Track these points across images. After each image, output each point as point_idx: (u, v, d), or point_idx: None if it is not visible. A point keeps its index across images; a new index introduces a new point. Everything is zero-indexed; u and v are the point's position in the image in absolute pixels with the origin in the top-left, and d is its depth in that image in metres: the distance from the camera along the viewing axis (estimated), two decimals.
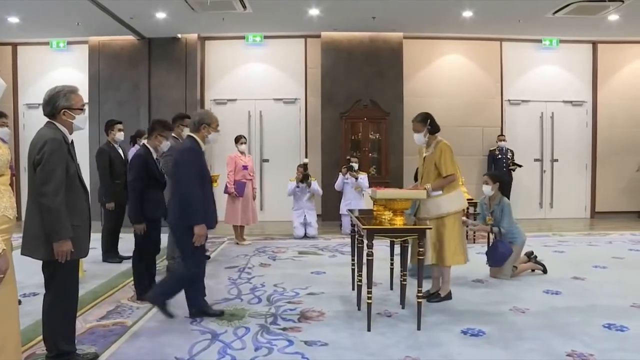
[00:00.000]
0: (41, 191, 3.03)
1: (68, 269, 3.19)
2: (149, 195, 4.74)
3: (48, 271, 3.19)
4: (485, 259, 5.77)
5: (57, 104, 3.21)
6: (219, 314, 4.37)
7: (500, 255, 5.56)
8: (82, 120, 3.30)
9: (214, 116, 4.43)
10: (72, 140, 3.29)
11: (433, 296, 4.81)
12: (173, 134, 5.92)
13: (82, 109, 3.29)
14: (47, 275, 3.20)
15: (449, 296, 4.80)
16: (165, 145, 5.01)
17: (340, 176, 8.71)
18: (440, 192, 4.63)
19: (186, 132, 5.95)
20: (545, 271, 5.81)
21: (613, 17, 9.00)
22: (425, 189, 4.52)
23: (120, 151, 6.60)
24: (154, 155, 4.91)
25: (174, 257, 5.90)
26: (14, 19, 9.03)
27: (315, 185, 8.54)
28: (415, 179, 5.68)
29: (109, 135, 6.58)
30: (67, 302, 3.26)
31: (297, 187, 8.39)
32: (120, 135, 6.56)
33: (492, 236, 5.96)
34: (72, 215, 3.14)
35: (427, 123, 4.78)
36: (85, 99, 10.35)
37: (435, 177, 4.67)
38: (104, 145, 6.60)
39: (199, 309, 4.36)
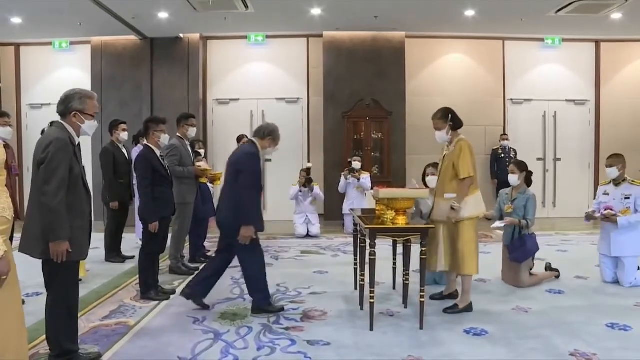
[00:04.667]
0: (42, 190, 3.04)
1: (68, 269, 3.19)
2: (157, 194, 4.77)
3: (48, 271, 3.20)
4: (500, 256, 5.48)
5: (70, 105, 3.25)
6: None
7: (527, 251, 5.18)
8: (90, 126, 3.33)
9: (280, 136, 4.69)
10: (78, 142, 3.30)
11: (451, 305, 4.47)
12: (178, 134, 5.95)
13: (93, 116, 3.33)
14: (47, 275, 3.21)
15: (468, 308, 4.42)
16: (165, 138, 5.02)
17: (343, 179, 8.71)
18: (456, 194, 4.32)
19: (192, 132, 6.01)
20: (558, 277, 5.60)
21: (616, 16, 8.98)
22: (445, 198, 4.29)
23: (124, 151, 6.62)
24: (158, 153, 4.93)
25: (176, 257, 5.93)
26: (16, 20, 9.04)
27: (318, 190, 8.54)
28: (424, 181, 5.56)
29: (113, 135, 6.60)
30: (69, 302, 3.26)
31: (300, 191, 8.40)
32: (124, 135, 6.58)
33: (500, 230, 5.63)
34: (74, 217, 3.14)
35: (449, 119, 4.40)
36: None
37: (451, 177, 4.35)
38: (108, 145, 6.62)
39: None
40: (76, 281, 3.39)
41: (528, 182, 5.45)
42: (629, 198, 5.22)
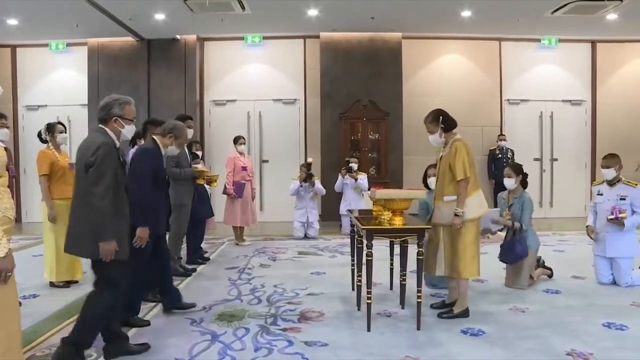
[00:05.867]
0: (91, 192, 3.17)
1: (117, 268, 3.28)
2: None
3: (99, 270, 3.32)
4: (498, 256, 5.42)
5: (111, 111, 3.40)
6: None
7: (515, 255, 5.17)
8: (129, 130, 3.50)
9: (185, 132, 4.61)
10: (118, 146, 3.44)
11: (446, 310, 4.41)
12: None
13: (132, 120, 3.49)
14: (98, 274, 3.34)
15: (464, 313, 4.32)
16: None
17: (340, 178, 8.71)
18: (455, 196, 4.20)
19: (188, 133, 6.00)
20: (551, 276, 5.62)
21: (612, 16, 9.01)
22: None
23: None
24: None
25: (174, 259, 5.92)
26: (13, 21, 9.04)
27: (319, 184, 8.53)
28: (424, 182, 5.52)
29: None
30: (113, 302, 3.35)
31: (301, 186, 8.38)
32: None
33: (501, 233, 5.65)
34: (118, 218, 3.28)
35: (440, 121, 4.28)
36: (85, 101, 10.40)
37: (449, 180, 4.24)
38: None
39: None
40: (125, 281, 3.46)
41: (524, 184, 5.45)
42: (624, 199, 5.20)
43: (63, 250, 3.42)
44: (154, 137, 4.45)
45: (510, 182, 5.39)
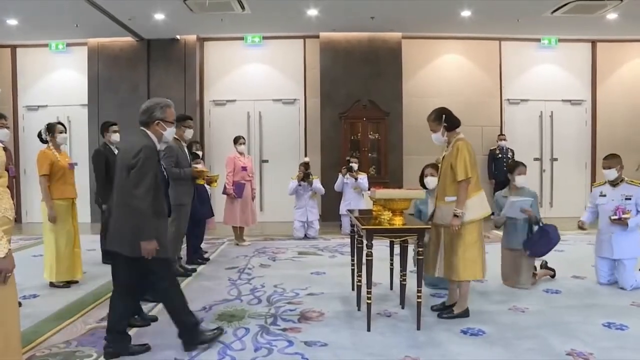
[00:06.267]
0: (132, 193, 3.33)
1: (162, 266, 3.52)
2: None
3: (151, 267, 3.50)
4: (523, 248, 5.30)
5: (153, 114, 3.55)
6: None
7: (551, 242, 5.24)
8: (171, 132, 3.67)
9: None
10: (159, 149, 3.60)
11: (446, 310, 4.40)
12: (175, 135, 5.93)
13: (173, 123, 3.67)
14: (151, 270, 3.54)
15: (464, 313, 4.30)
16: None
17: (340, 177, 8.71)
18: (456, 197, 4.15)
19: (188, 133, 6.01)
20: (553, 276, 5.63)
21: (611, 16, 9.02)
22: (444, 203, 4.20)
23: (117, 152, 6.59)
24: None
25: (174, 259, 5.92)
26: (12, 21, 9.04)
27: (317, 183, 8.53)
28: (421, 183, 5.45)
29: (105, 137, 6.57)
30: (172, 301, 3.63)
31: (299, 185, 8.38)
32: (115, 137, 6.53)
33: (498, 232, 5.66)
34: (158, 218, 3.47)
35: (443, 120, 4.24)
36: (85, 101, 10.41)
37: (451, 180, 4.18)
38: (101, 146, 6.58)
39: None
40: (174, 278, 3.73)
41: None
42: (629, 199, 5.16)
43: (78, 248, 3.49)
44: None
45: (523, 179, 5.48)
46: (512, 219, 5.34)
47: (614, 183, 5.31)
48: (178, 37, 10.25)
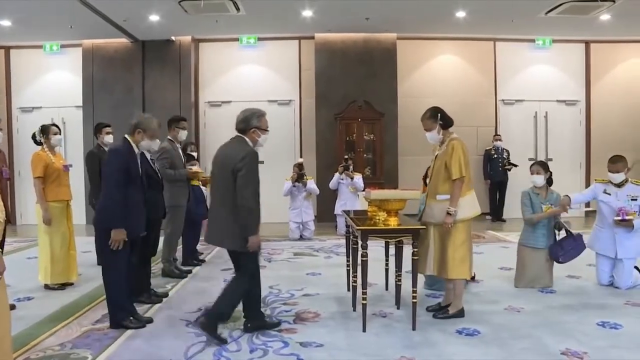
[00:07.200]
0: (242, 194, 3.69)
1: (253, 258, 3.91)
2: (147, 197, 4.70)
3: (239, 260, 3.91)
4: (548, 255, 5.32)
5: (250, 122, 3.95)
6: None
7: (579, 251, 5.27)
8: (265, 139, 4.04)
9: (152, 122, 4.36)
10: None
11: (441, 310, 4.40)
12: (169, 137, 5.94)
13: (267, 130, 4.03)
14: (238, 262, 3.94)
15: (460, 313, 4.31)
16: (155, 144, 4.83)
17: (336, 175, 8.71)
18: (448, 195, 4.17)
19: (182, 134, 6.01)
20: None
21: (605, 17, 9.06)
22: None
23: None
24: (148, 156, 4.88)
25: (169, 260, 5.92)
26: (6, 22, 9.00)
27: (312, 184, 8.51)
28: (425, 181, 5.42)
29: (98, 139, 6.55)
30: (252, 285, 3.97)
31: (294, 186, 8.37)
32: (108, 138, 6.49)
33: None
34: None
35: (438, 118, 4.28)
36: (79, 102, 10.38)
37: (444, 178, 4.20)
38: (94, 148, 6.56)
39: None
40: (255, 275, 4.04)
41: (549, 181, 5.61)
42: (636, 199, 5.15)
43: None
44: (125, 136, 4.33)
45: (539, 179, 5.55)
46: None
47: (619, 184, 5.29)
48: (173, 38, 10.24)
